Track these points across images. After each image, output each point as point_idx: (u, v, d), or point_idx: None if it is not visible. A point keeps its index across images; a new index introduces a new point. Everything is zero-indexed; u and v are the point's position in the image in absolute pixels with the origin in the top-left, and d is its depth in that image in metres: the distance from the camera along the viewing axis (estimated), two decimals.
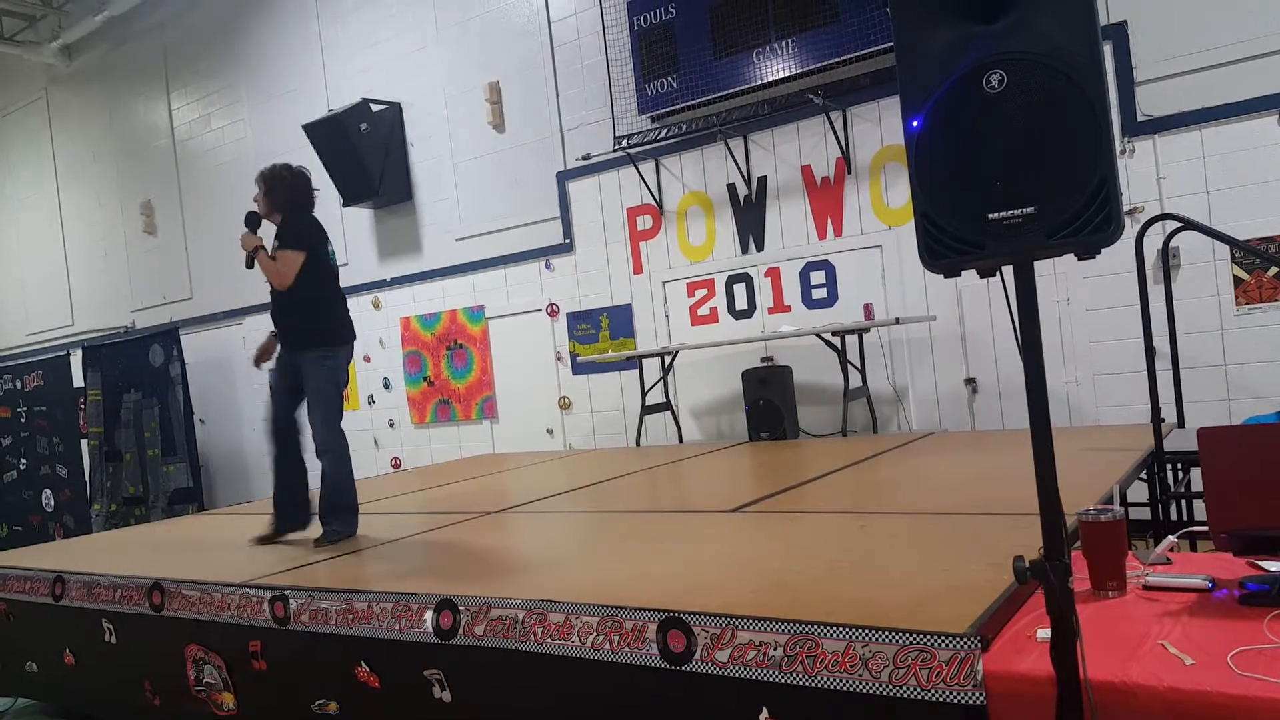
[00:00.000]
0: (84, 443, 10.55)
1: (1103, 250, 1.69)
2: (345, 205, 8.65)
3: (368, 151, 8.27)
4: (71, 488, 10.58)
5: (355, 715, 2.86)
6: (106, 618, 3.64)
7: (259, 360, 4.17)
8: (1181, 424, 4.69)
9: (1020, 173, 1.67)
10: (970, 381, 6.09)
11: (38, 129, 12.32)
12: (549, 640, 2.42)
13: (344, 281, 9.43)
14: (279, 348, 4.14)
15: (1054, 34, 1.65)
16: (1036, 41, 1.65)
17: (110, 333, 11.33)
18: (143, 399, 9.93)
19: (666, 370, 7.01)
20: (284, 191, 4.05)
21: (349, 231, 9.07)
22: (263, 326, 4.43)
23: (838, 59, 6.07)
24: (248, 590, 3.21)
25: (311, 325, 3.99)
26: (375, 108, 8.44)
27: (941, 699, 1.83)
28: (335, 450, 3.99)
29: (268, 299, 4.12)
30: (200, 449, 9.79)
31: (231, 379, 9.98)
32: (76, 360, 10.66)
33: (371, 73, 8.75)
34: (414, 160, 8.64)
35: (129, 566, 3.88)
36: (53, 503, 10.77)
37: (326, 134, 8.21)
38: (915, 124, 1.77)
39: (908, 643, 1.92)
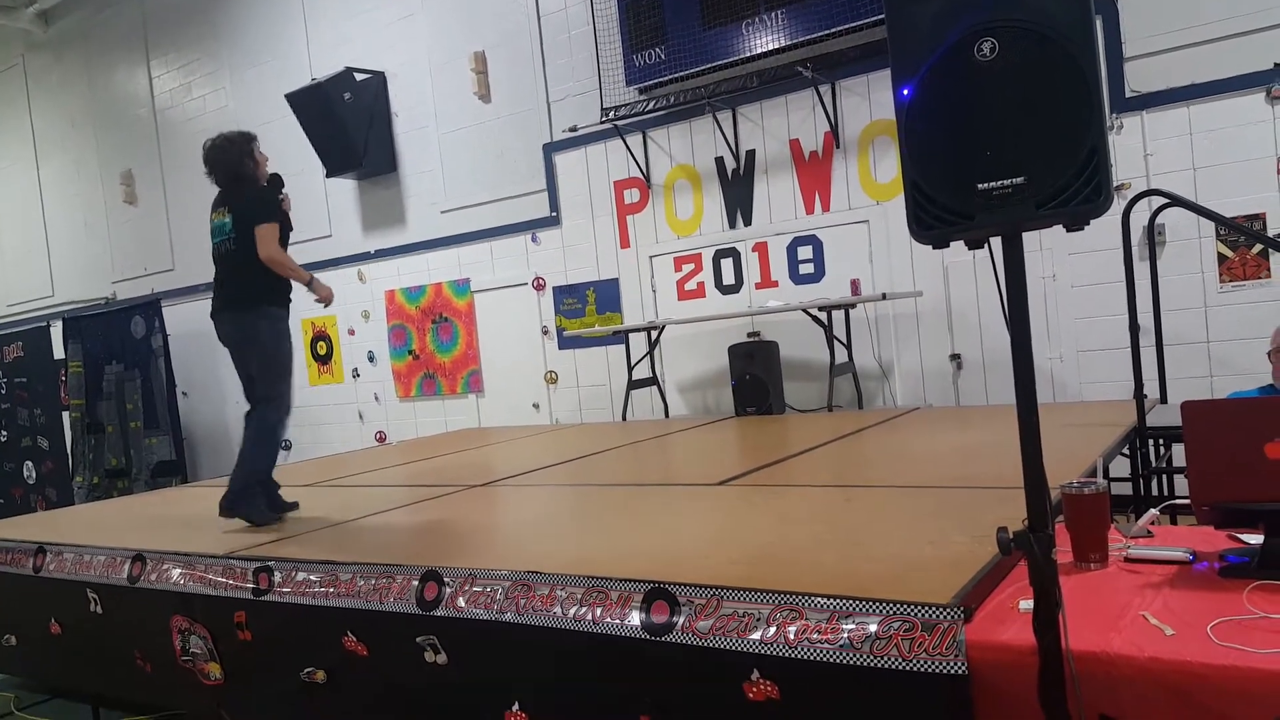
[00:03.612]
0: (65, 415, 10.47)
1: (1091, 222, 1.68)
2: (329, 176, 8.56)
3: (351, 122, 8.16)
4: (53, 460, 10.51)
5: (344, 683, 2.87)
6: (91, 589, 3.63)
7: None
8: (1164, 400, 4.73)
9: (1010, 142, 1.66)
10: (955, 357, 6.11)
11: (15, 96, 12.10)
12: (534, 611, 2.42)
13: (328, 253, 9.37)
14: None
15: (1046, 2, 1.63)
16: (1028, 9, 1.63)
17: (91, 304, 11.20)
18: (124, 371, 9.85)
19: (653, 345, 7.00)
20: None
21: (332, 203, 8.99)
22: None
23: (827, 31, 6.03)
24: (231, 561, 3.20)
25: None
26: (359, 77, 8.32)
27: (924, 669, 1.84)
28: None
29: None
30: (183, 421, 9.73)
31: (214, 351, 9.83)
32: (57, 331, 10.54)
33: (355, 41, 8.62)
34: (398, 131, 8.54)
35: (112, 538, 3.86)
36: (34, 475, 10.70)
37: (309, 103, 8.10)
38: (905, 93, 1.75)
39: (891, 613, 1.93)
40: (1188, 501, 2.13)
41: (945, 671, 1.82)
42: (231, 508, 3.80)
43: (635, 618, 2.25)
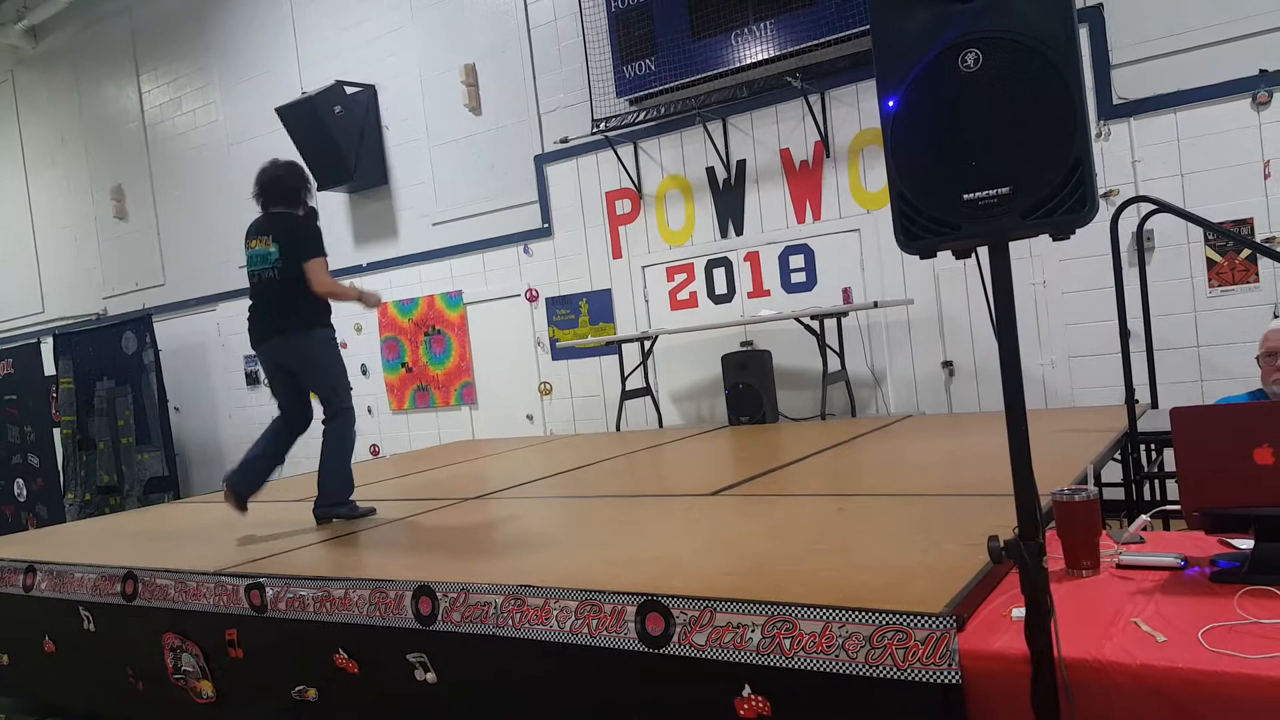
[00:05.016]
0: (56, 431, 10.42)
1: (1077, 231, 1.69)
2: (319, 189, 8.53)
3: (342, 135, 8.16)
4: (44, 477, 10.45)
5: (334, 701, 2.85)
6: (84, 606, 3.61)
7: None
8: (1155, 405, 4.74)
9: (996, 153, 1.67)
10: (947, 364, 6.12)
11: (4, 112, 12.07)
12: (528, 625, 2.41)
13: None
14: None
15: (1029, 13, 1.65)
16: (1012, 20, 1.65)
17: (82, 320, 11.16)
18: (116, 387, 9.80)
19: (646, 355, 7.00)
20: None
21: (323, 216, 8.94)
22: (236, 313, 4.35)
23: (816, 41, 6.05)
24: (223, 578, 3.18)
25: None
26: (349, 90, 8.33)
27: (918, 678, 1.84)
28: None
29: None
30: (175, 437, 9.68)
31: (206, 366, 9.87)
32: (47, 348, 10.50)
33: (345, 55, 8.63)
34: (389, 143, 8.55)
35: (103, 556, 3.84)
36: (25, 492, 10.64)
37: (300, 117, 8.09)
38: (891, 104, 1.76)
39: (884, 623, 1.93)
40: (1179, 506, 2.13)
41: (938, 681, 1.82)
42: (327, 512, 4.00)
43: (628, 631, 2.24)
